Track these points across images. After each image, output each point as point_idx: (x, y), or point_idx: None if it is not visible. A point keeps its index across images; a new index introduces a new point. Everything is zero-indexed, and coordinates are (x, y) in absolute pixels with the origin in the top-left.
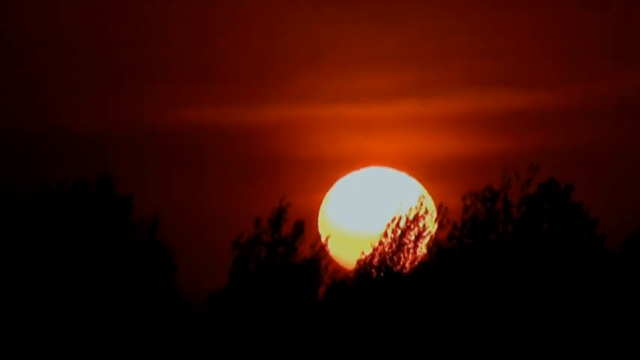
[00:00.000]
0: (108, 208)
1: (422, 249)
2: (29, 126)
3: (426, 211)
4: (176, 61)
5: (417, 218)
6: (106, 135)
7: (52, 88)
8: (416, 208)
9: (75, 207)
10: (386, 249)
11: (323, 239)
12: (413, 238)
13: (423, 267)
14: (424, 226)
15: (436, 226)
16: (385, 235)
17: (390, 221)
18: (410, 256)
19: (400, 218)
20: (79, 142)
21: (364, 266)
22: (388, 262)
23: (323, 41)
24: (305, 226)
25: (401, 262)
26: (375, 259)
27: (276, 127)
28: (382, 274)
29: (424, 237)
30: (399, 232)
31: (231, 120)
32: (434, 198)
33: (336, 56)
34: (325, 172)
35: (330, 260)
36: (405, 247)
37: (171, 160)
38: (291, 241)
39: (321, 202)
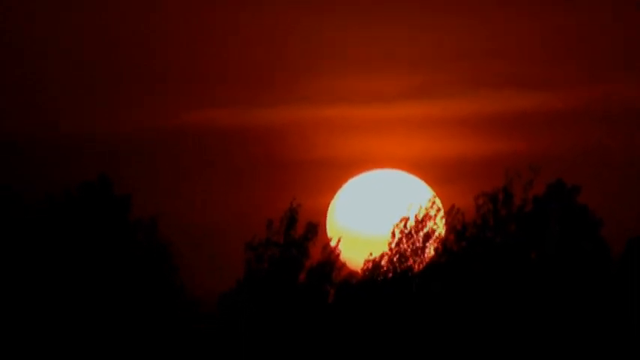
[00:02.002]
0: (107, 207)
1: (430, 250)
2: (37, 129)
3: (437, 212)
4: (186, 64)
5: (425, 219)
6: (118, 138)
7: (61, 93)
8: (426, 209)
9: (76, 208)
10: (394, 250)
11: (333, 241)
12: (422, 238)
13: (432, 267)
14: (433, 226)
15: (445, 227)
16: (393, 235)
17: (398, 222)
18: (418, 257)
19: (408, 219)
20: (87, 146)
21: (372, 267)
22: (396, 262)
23: (332, 44)
24: (317, 229)
25: (409, 263)
26: (384, 260)
27: (284, 129)
28: (390, 275)
29: (433, 238)
30: (407, 233)
31: (240, 122)
32: (442, 199)
33: (345, 59)
34: (334, 174)
35: (341, 262)
36: (414, 247)
37: (181, 162)
38: (303, 243)
39: (329, 204)
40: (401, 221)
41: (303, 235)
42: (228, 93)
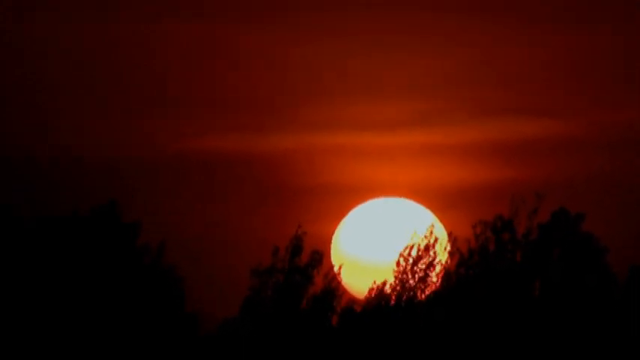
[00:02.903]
0: (114, 234)
1: (433, 277)
2: (43, 153)
3: (436, 240)
4: (191, 89)
5: (427, 247)
6: (123, 163)
7: (68, 116)
8: (426, 237)
9: (83, 234)
10: (397, 278)
11: (336, 268)
12: (424, 267)
13: (435, 295)
14: (435, 254)
15: (447, 254)
16: (397, 264)
17: (401, 250)
18: (421, 284)
19: (412, 247)
20: (94, 170)
21: (376, 295)
22: (400, 290)
23: (335, 71)
24: (322, 257)
25: (413, 291)
26: (387, 288)
27: (288, 156)
28: (394, 303)
29: (435, 266)
30: (411, 261)
31: (245, 148)
32: (446, 226)
33: (349, 86)
34: (338, 200)
35: (343, 289)
36: (417, 275)
37: (185, 188)
38: (307, 270)
39: (334, 231)
40: (405, 249)
41: (307, 262)
42: (232, 119)
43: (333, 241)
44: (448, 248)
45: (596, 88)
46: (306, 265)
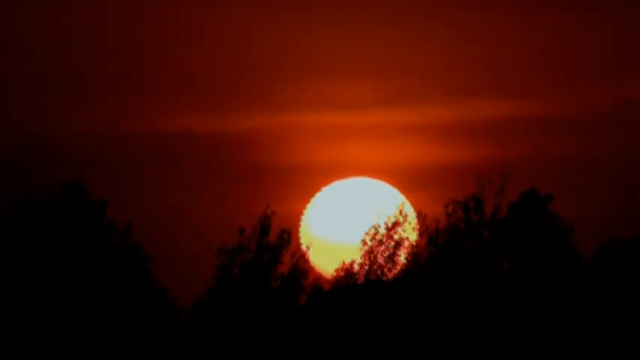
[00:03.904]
0: (81, 213)
1: (401, 256)
2: (9, 134)
3: (405, 219)
4: (159, 70)
5: (395, 226)
6: (92, 143)
7: (34, 96)
8: (394, 216)
9: (50, 213)
10: (365, 257)
11: (304, 247)
12: (392, 245)
13: (403, 274)
14: (402, 234)
15: (415, 233)
16: (364, 243)
17: (368, 230)
18: (389, 263)
19: (379, 227)
20: (62, 150)
21: (344, 274)
22: (367, 269)
23: (308, 50)
24: (290, 236)
25: (380, 270)
26: (355, 268)
27: (258, 135)
28: (361, 282)
29: (403, 244)
30: (378, 240)
31: (214, 128)
32: (415, 206)
33: (319, 65)
34: (308, 180)
35: (311, 268)
36: (384, 254)
37: (154, 167)
38: (275, 250)
39: (302, 211)
40: (371, 228)
41: (276, 241)
42: (202, 98)
43: (301, 221)
44: (417, 227)
45: (569, 70)
46: (275, 245)
